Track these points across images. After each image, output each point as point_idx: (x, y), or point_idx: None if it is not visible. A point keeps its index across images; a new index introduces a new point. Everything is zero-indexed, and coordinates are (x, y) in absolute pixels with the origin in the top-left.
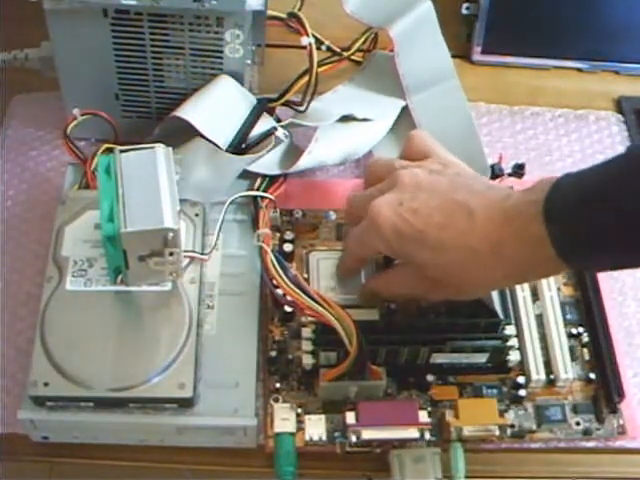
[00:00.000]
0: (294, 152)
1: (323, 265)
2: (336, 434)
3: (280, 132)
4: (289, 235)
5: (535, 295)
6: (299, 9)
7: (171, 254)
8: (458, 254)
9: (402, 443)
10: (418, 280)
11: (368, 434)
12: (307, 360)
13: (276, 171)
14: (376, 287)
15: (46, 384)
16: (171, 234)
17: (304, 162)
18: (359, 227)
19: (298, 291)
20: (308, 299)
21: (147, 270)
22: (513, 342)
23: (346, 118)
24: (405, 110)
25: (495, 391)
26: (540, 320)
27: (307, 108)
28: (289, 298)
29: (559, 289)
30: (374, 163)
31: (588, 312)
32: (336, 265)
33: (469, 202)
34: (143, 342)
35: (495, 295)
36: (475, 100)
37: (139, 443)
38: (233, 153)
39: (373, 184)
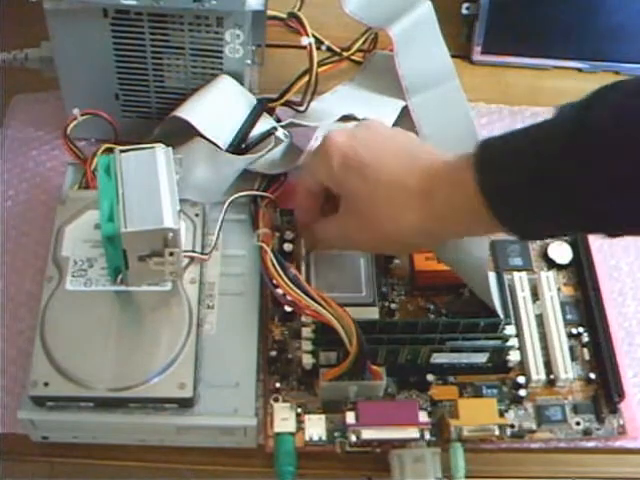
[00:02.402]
0: (294, 152)
1: (323, 265)
2: (336, 434)
3: (280, 132)
4: (289, 235)
5: (535, 295)
6: (299, 9)
7: (171, 254)
8: (393, 184)
9: (402, 443)
10: (349, 223)
11: (368, 434)
12: (307, 360)
13: (276, 171)
14: (317, 231)
15: (46, 384)
16: (171, 234)
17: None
18: (311, 158)
19: (298, 291)
20: (308, 299)
21: (147, 270)
22: (513, 342)
23: (346, 118)
24: (405, 110)
25: (495, 391)
26: (540, 320)
27: (307, 108)
28: (289, 298)
29: (559, 289)
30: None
31: (588, 312)
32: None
33: (413, 147)
34: (143, 342)
35: (495, 295)
36: (475, 100)
37: (139, 443)
38: (233, 153)
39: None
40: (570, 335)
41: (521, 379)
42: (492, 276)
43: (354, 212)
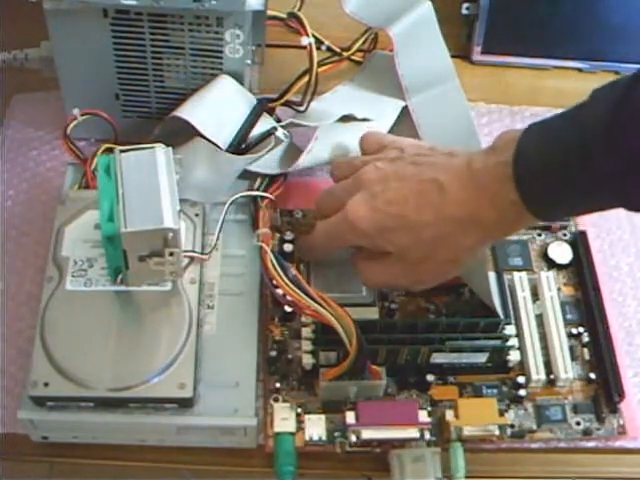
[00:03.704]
0: (294, 152)
1: (323, 265)
2: (336, 434)
3: (280, 132)
4: (289, 235)
5: (535, 295)
6: (299, 9)
7: (171, 254)
8: (439, 228)
9: (402, 443)
10: (402, 269)
11: (368, 434)
12: (307, 360)
13: (276, 171)
14: (362, 275)
15: (46, 384)
16: (171, 234)
17: (304, 161)
18: (329, 223)
19: (298, 291)
20: (308, 299)
21: (147, 270)
22: (513, 342)
23: (346, 118)
24: (405, 110)
25: (495, 391)
26: (540, 320)
27: (307, 108)
28: (289, 298)
29: (559, 289)
30: (337, 165)
31: (588, 312)
32: (298, 248)
33: (436, 176)
34: (143, 342)
35: (495, 295)
36: (475, 100)
37: (139, 443)
38: (233, 153)
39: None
40: (570, 335)
41: (521, 379)
42: (492, 276)
43: (407, 258)
